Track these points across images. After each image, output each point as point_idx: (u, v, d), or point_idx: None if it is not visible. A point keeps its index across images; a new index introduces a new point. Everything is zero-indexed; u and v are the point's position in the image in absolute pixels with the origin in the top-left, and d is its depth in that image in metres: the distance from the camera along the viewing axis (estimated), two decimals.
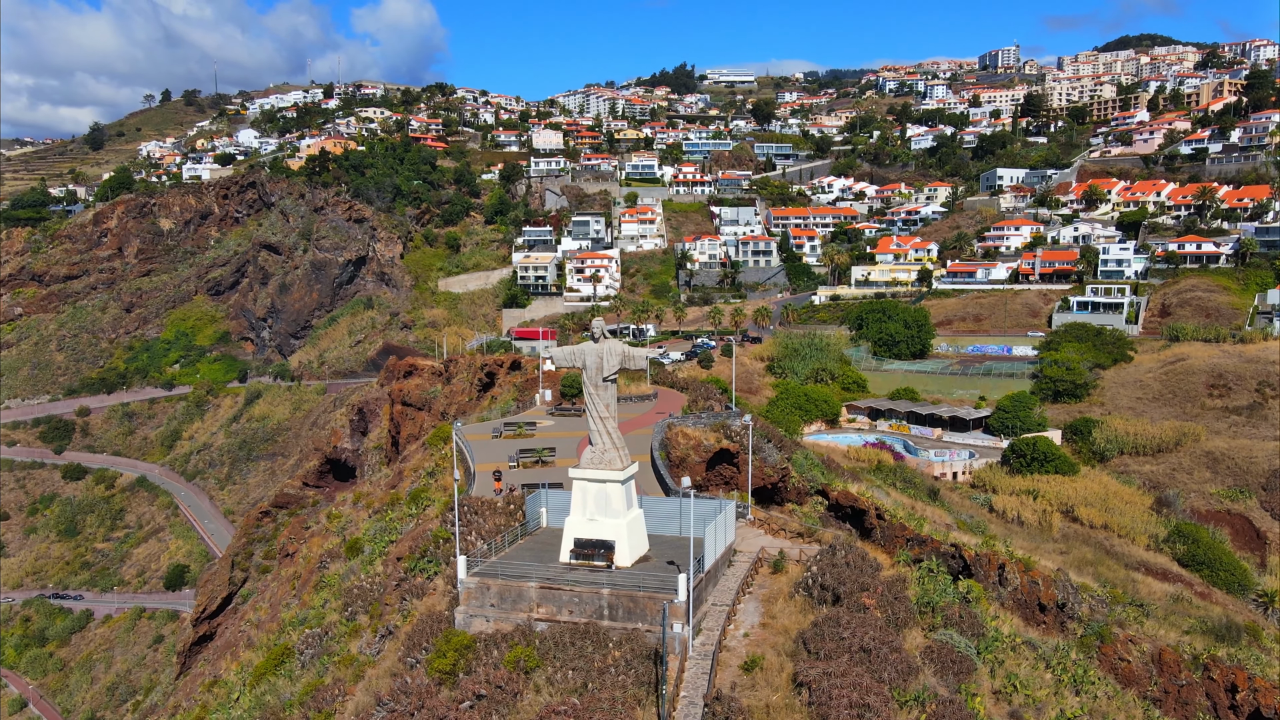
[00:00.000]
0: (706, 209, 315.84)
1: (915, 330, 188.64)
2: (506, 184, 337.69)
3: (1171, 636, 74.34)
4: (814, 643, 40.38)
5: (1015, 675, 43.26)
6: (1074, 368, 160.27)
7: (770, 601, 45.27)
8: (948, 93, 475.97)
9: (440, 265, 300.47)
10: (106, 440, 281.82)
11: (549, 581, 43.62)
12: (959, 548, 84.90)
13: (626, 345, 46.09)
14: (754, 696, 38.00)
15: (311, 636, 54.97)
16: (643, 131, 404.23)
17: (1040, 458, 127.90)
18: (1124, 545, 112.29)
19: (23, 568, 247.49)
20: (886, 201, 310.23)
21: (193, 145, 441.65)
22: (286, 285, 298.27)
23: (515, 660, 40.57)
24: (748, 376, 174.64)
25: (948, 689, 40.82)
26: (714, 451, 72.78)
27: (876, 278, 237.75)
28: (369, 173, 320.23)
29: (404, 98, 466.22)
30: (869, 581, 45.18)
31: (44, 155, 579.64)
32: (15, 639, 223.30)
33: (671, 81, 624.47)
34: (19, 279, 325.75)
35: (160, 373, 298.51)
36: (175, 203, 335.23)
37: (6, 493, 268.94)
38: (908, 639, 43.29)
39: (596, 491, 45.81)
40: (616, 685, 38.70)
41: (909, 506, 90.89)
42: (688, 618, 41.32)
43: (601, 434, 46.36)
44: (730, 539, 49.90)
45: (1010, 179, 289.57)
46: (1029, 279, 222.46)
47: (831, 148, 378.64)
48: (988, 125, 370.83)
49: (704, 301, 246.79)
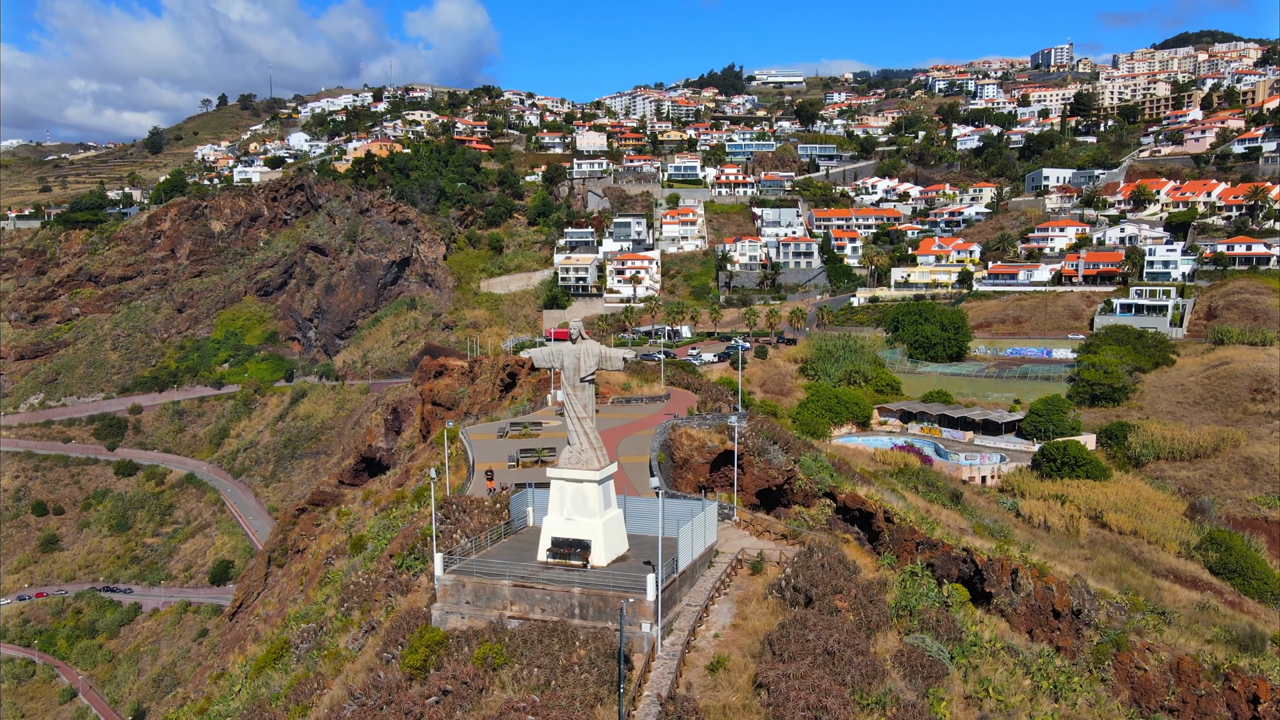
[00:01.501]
0: (748, 210, 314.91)
1: (952, 332, 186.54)
2: (549, 185, 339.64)
3: (1192, 645, 72.98)
4: (779, 644, 40.42)
5: (989, 680, 42.82)
6: (1112, 371, 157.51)
7: (744, 603, 45.36)
8: (998, 92, 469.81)
9: (483, 266, 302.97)
10: (157, 437, 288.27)
11: (523, 580, 44.15)
12: (970, 552, 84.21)
13: (604, 346, 46.46)
14: (714, 697, 38.14)
15: (307, 631, 56.03)
16: (686, 133, 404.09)
17: (1071, 462, 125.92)
18: (1153, 552, 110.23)
19: (76, 561, 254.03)
20: (930, 202, 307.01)
21: (246, 149, 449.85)
22: (332, 286, 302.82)
23: (483, 657, 41.11)
24: (780, 378, 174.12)
25: (916, 693, 40.63)
26: (718, 453, 72.80)
27: (916, 279, 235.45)
28: (414, 175, 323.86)
29: (450, 100, 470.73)
30: (843, 584, 45.04)
31: (105, 159, 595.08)
32: (67, 630, 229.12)
33: (719, 83, 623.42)
34: (77, 280, 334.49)
35: (210, 372, 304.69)
36: (226, 205, 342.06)
37: (62, 488, 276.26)
38: (879, 642, 43.14)
39: (574, 491, 46.22)
40: (579, 683, 39.03)
41: (924, 510, 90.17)
42: (656, 617, 41.57)
43: (579, 434, 46.78)
44: (711, 540, 50.02)
45: (1056, 179, 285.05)
46: (1072, 281, 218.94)
47: (876, 148, 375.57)
48: (1036, 125, 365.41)
49: (742, 303, 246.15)
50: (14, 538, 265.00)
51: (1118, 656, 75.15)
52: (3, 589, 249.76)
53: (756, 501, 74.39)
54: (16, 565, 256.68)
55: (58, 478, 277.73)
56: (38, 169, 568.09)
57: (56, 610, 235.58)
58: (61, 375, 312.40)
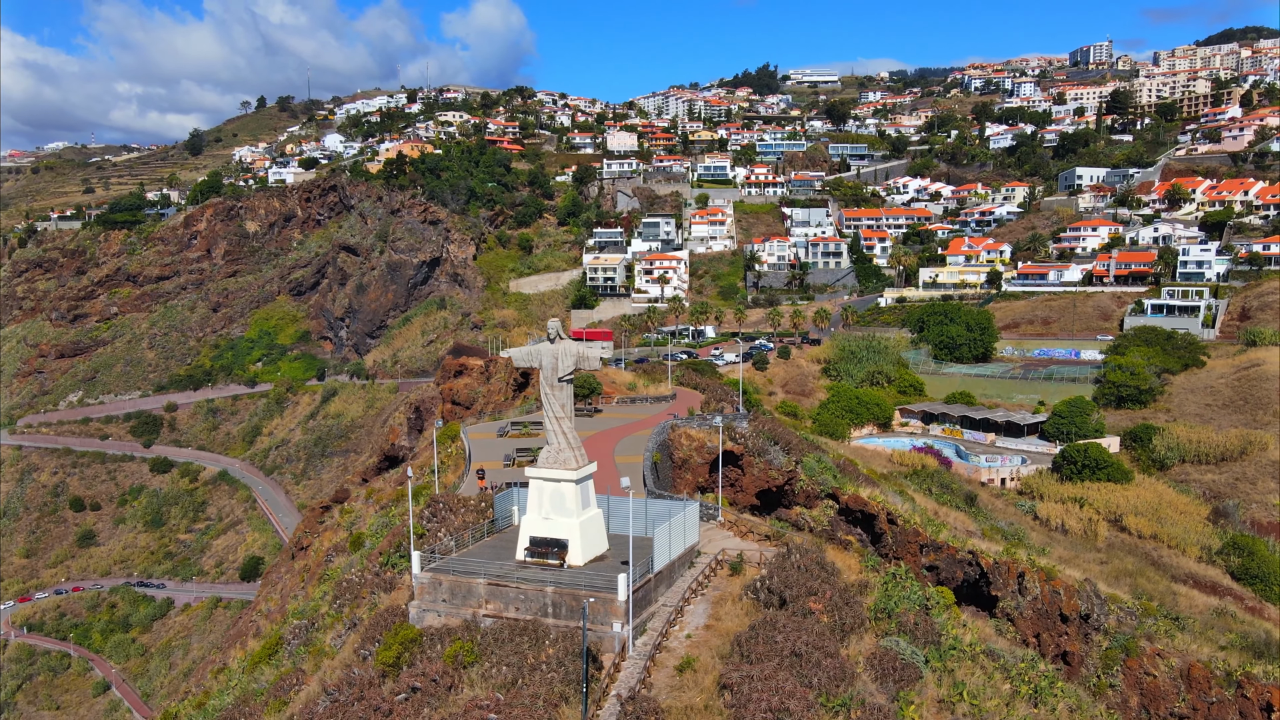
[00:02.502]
0: (778, 210, 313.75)
1: (977, 333, 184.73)
2: (579, 186, 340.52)
3: (1205, 651, 72.03)
4: (747, 646, 40.33)
5: (963, 684, 42.41)
6: (1138, 372, 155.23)
7: (720, 603, 45.29)
8: (1035, 90, 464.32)
9: (512, 266, 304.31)
10: (192, 435, 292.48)
11: (498, 579, 44.37)
12: (976, 555, 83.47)
13: (581, 346, 46.60)
14: (678, 698, 38.12)
15: (298, 628, 56.70)
16: (717, 133, 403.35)
17: (1091, 465, 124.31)
18: (1173, 557, 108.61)
19: (111, 556, 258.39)
20: (961, 202, 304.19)
21: (282, 150, 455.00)
22: (363, 286, 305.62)
23: (454, 655, 41.41)
24: (802, 379, 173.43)
25: (886, 695, 40.38)
26: (717, 453, 72.61)
27: (945, 279, 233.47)
28: (444, 175, 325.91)
29: (483, 101, 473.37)
30: (818, 586, 44.84)
31: (147, 160, 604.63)
32: (102, 624, 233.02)
33: (753, 82, 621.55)
34: (115, 279, 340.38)
35: (244, 370, 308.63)
36: (261, 206, 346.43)
37: (99, 484, 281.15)
38: (853, 645, 42.92)
39: (552, 490, 46.40)
40: (545, 682, 39.22)
41: (932, 512, 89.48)
42: (627, 618, 41.65)
43: (557, 434, 46.99)
44: (693, 540, 49.97)
45: (1090, 178, 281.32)
46: (1103, 281, 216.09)
47: (908, 148, 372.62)
48: (1071, 124, 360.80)
49: (770, 303, 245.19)
50: (52, 532, 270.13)
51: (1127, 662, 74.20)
52: (41, 583, 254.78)
53: (756, 502, 74.18)
54: (54, 560, 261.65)
55: (95, 474, 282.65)
56: (82, 170, 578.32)
57: (92, 604, 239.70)
58: (100, 373, 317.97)
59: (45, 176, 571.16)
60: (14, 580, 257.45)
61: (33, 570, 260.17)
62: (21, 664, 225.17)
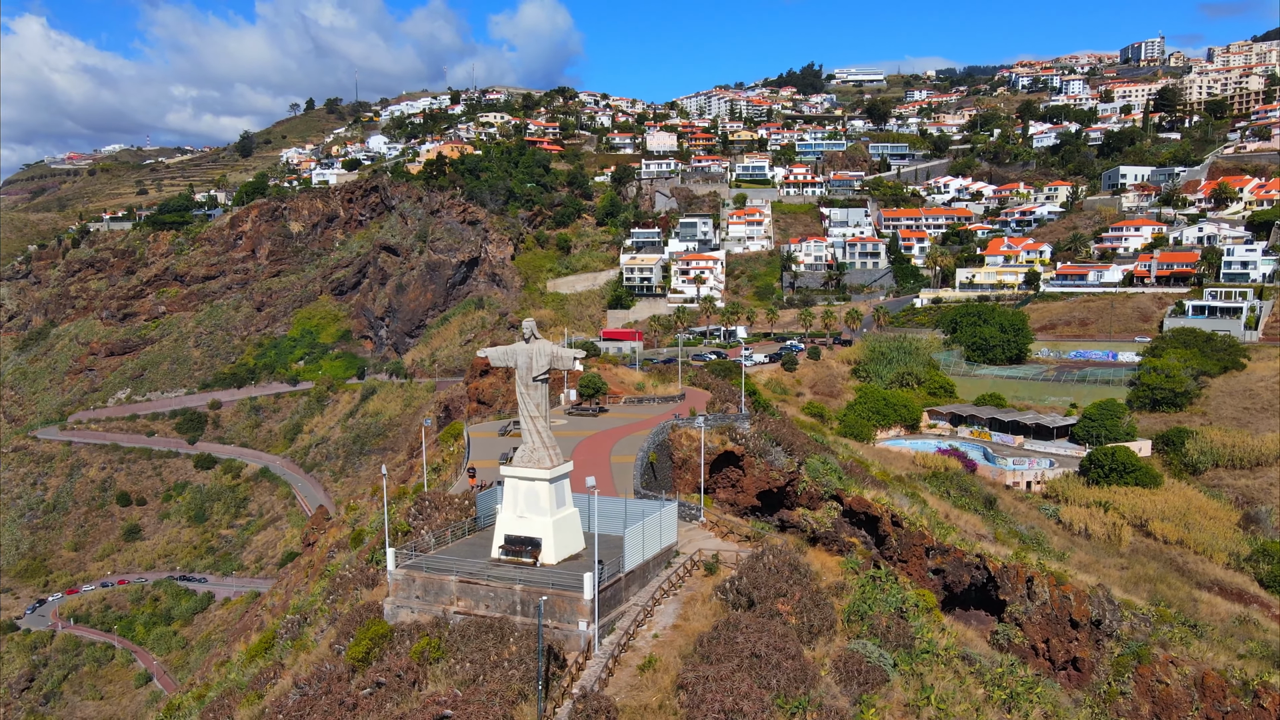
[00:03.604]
0: (816, 210, 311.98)
1: (1011, 334, 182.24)
2: (618, 186, 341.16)
3: (1221, 660, 70.84)
4: (709, 646, 40.36)
5: (931, 688, 42.03)
6: (1174, 375, 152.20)
7: (690, 604, 45.32)
8: (1084, 88, 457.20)
9: (550, 266, 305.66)
10: (235, 432, 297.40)
11: (470, 576, 44.79)
12: (984, 558, 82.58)
13: (556, 346, 46.86)
14: (635, 697, 38.26)
15: (291, 623, 57.58)
16: (757, 133, 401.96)
17: (1119, 468, 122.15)
18: (1199, 563, 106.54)
19: (155, 550, 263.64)
20: (1003, 202, 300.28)
21: (328, 151, 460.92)
22: (403, 285, 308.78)
23: (421, 651, 41.90)
24: (830, 379, 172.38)
25: (849, 699, 40.17)
26: (718, 454, 72.55)
27: (982, 280, 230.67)
28: (484, 176, 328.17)
29: (525, 102, 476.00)
30: (789, 588, 44.69)
31: (198, 162, 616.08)
32: (145, 617, 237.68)
33: (798, 82, 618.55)
34: (163, 279, 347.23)
35: (286, 369, 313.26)
36: (304, 206, 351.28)
37: (145, 480, 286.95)
38: (820, 647, 42.76)
39: (526, 489, 46.73)
40: (506, 679, 39.53)
41: (943, 515, 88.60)
42: (593, 616, 41.85)
43: (532, 433, 47.29)
44: (670, 540, 50.02)
45: (1135, 177, 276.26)
46: (1144, 282, 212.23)
47: (950, 147, 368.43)
48: (1117, 121, 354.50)
49: (805, 304, 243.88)
50: (99, 527, 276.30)
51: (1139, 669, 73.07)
52: (88, 575, 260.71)
53: (757, 503, 73.98)
54: (101, 553, 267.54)
55: (141, 470, 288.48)
56: (136, 172, 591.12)
57: (136, 597, 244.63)
58: (147, 371, 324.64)
59: (101, 178, 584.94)
60: (62, 573, 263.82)
61: (80, 563, 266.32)
62: (68, 654, 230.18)
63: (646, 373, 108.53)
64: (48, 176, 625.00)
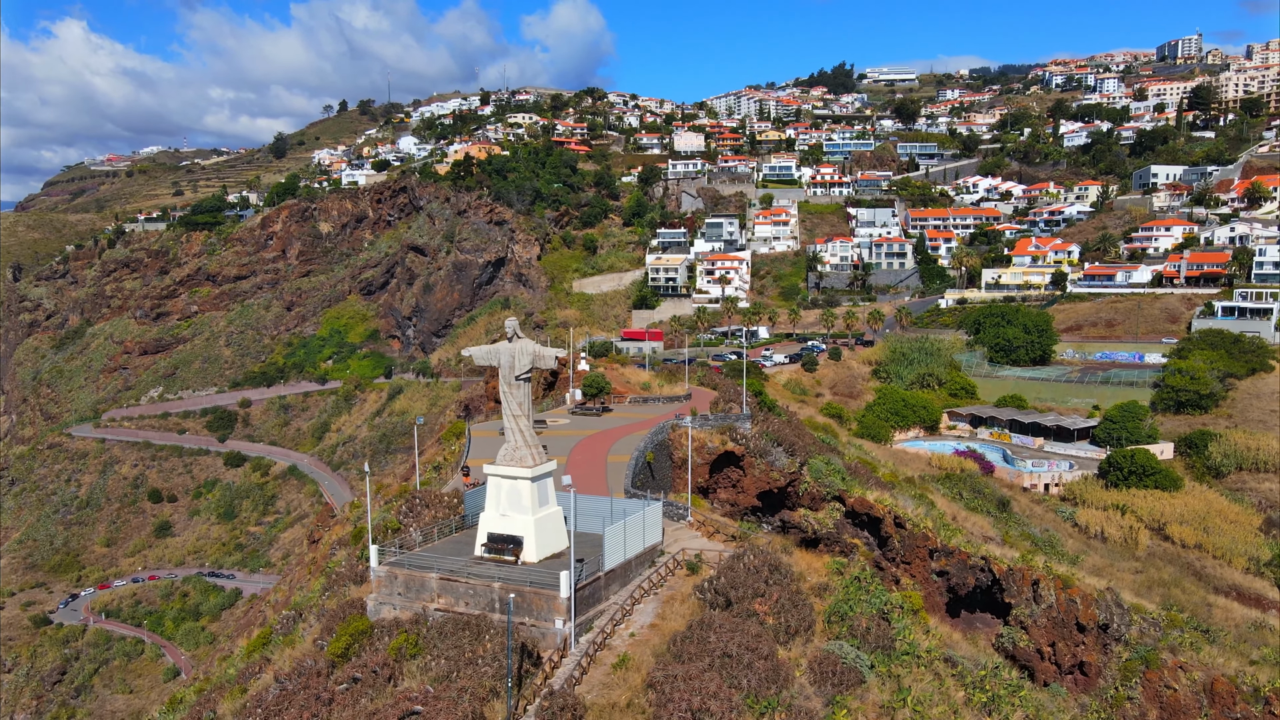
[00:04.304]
0: (843, 210, 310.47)
1: (1035, 335, 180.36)
2: (645, 186, 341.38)
3: (1233, 665, 69.91)
4: (681, 646, 40.39)
5: (908, 690, 41.78)
6: (1199, 377, 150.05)
7: (670, 603, 45.35)
8: (1119, 86, 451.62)
9: (576, 266, 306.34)
10: (264, 430, 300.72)
11: (450, 574, 45.10)
12: (989, 560, 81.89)
13: (538, 346, 47.06)
14: (604, 695, 38.38)
15: (287, 618, 58.19)
16: (785, 133, 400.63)
17: (1138, 471, 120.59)
18: (1217, 568, 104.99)
19: (185, 547, 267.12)
20: (1032, 201, 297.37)
21: (359, 153, 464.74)
22: (430, 285, 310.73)
23: (398, 647, 42.24)
24: (850, 380, 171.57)
25: (822, 700, 40.03)
26: (718, 454, 72.48)
27: (1008, 280, 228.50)
28: (511, 176, 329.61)
29: (553, 103, 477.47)
30: (767, 588, 44.61)
31: (233, 164, 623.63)
32: (174, 612, 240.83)
33: (828, 81, 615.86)
34: (196, 279, 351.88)
35: (315, 368, 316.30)
36: (334, 207, 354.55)
37: (175, 477, 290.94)
38: (796, 648, 42.63)
39: (509, 488, 46.96)
40: (479, 676, 39.78)
41: (950, 517, 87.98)
42: (569, 614, 42.02)
43: (514, 431, 47.49)
44: (654, 539, 50.05)
45: (1166, 176, 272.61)
46: (1173, 282, 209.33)
47: (980, 146, 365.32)
48: (1150, 120, 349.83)
49: (830, 304, 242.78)
50: (131, 523, 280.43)
51: (1146, 674, 72.22)
52: (120, 571, 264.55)
53: (758, 503, 73.83)
54: (133, 549, 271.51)
55: (172, 467, 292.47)
56: (173, 174, 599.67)
57: (165, 593, 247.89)
58: (179, 370, 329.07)
59: (139, 180, 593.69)
60: (95, 568, 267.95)
61: (112, 559, 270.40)
62: (99, 648, 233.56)
63: (654, 372, 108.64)
64: (87, 178, 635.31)
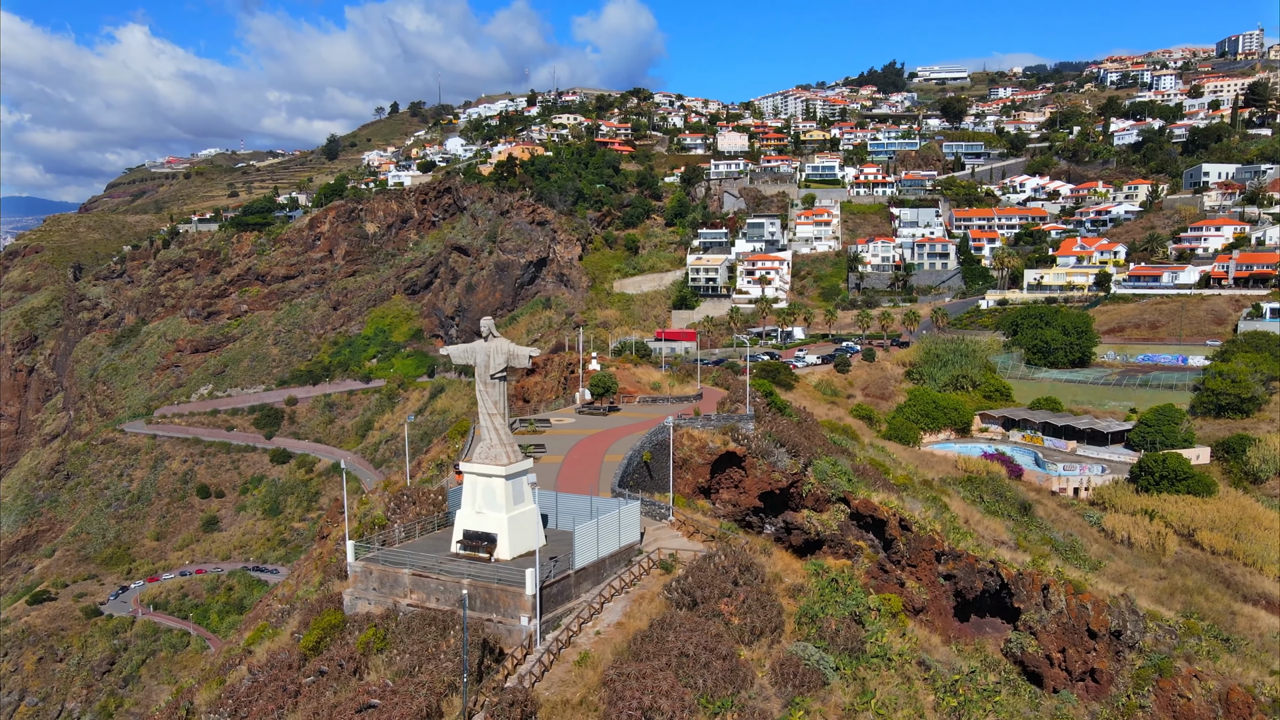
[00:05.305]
0: (886, 210, 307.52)
1: (1075, 337, 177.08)
2: (687, 186, 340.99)
3: (1252, 675, 68.52)
4: (641, 644, 40.50)
5: (873, 693, 41.48)
6: (1240, 380, 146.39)
7: (639, 602, 45.43)
8: (1175, 83, 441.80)
9: (617, 267, 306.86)
10: (309, 428, 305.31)
11: (422, 570, 45.63)
12: (997, 564, 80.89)
13: (512, 345, 47.43)
14: (560, 692, 38.62)
15: (281, 612, 59.21)
16: (830, 132, 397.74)
17: (1170, 475, 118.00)
18: (1247, 575, 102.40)
19: (231, 541, 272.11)
20: (1080, 201, 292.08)
21: (408, 154, 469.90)
22: (473, 285, 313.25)
23: (366, 641, 42.84)
24: (883, 382, 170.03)
25: (782, 700, 39.90)
26: (719, 454, 72.34)
27: (1050, 281, 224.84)
28: (553, 177, 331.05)
29: (598, 104, 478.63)
30: (734, 588, 44.52)
31: (287, 165, 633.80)
32: (219, 605, 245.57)
33: (878, 80, 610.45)
34: (245, 279, 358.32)
35: (360, 366, 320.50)
36: (380, 208, 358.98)
37: (223, 473, 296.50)
38: (761, 649, 42.53)
39: (484, 486, 47.39)
40: (440, 670, 40.21)
41: (963, 520, 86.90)
42: (535, 611, 42.34)
43: (489, 430, 47.91)
44: (631, 538, 50.14)
45: (1218, 175, 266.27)
46: (1221, 284, 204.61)
47: (1028, 145, 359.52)
48: (1204, 118, 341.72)
49: (869, 305, 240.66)
50: (180, 517, 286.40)
51: (1159, 683, 70.96)
52: (168, 564, 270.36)
53: (759, 504, 73.57)
54: (181, 543, 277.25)
55: (220, 463, 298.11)
56: (228, 175, 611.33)
57: (211, 586, 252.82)
58: (229, 368, 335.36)
59: (196, 182, 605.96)
60: (144, 561, 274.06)
61: (161, 553, 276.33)
62: (146, 640, 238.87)
63: (668, 372, 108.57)
64: (147, 180, 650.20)
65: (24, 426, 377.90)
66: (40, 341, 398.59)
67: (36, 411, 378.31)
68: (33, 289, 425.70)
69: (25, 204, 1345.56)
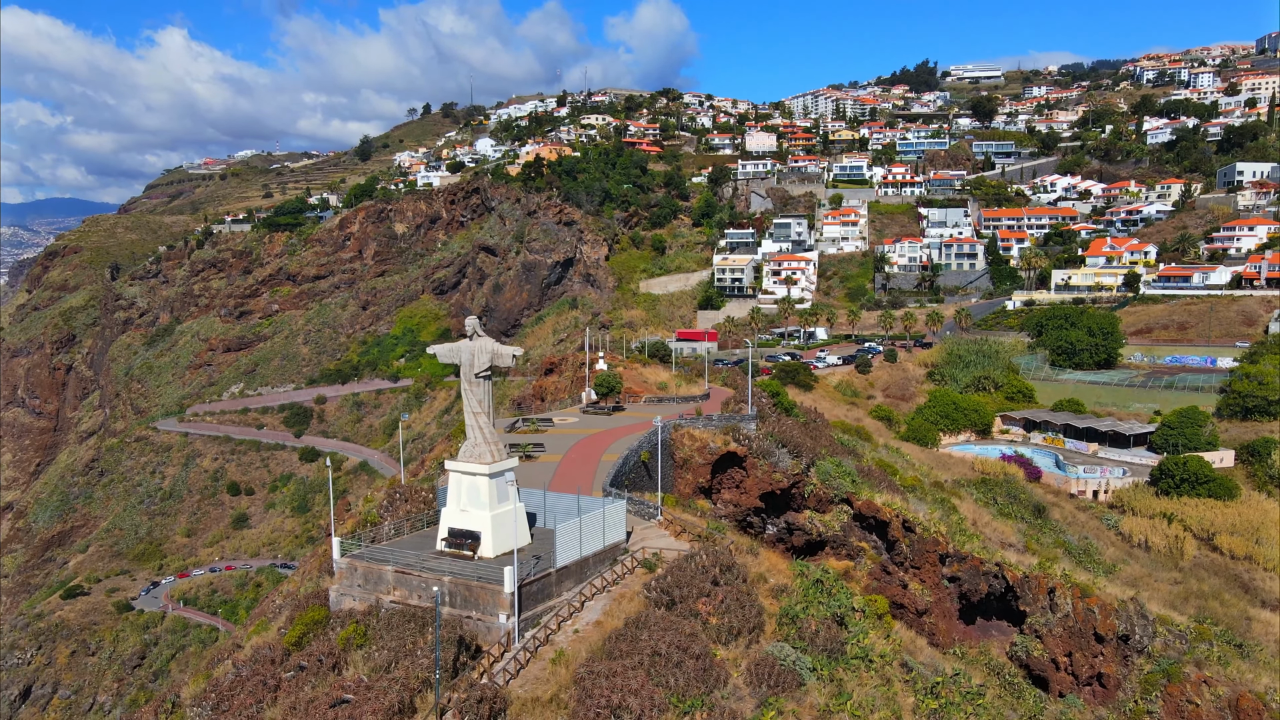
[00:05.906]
0: (914, 210, 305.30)
1: (1100, 338, 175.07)
2: (714, 187, 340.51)
3: (1263, 681, 67.89)
4: (615, 643, 40.60)
5: (849, 695, 41.30)
6: (1267, 382, 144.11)
7: (619, 601, 45.53)
8: (1213, 81, 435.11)
9: (643, 267, 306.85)
10: (338, 427, 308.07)
11: (405, 567, 46.04)
12: (1002, 567, 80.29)
13: (496, 344, 47.78)
14: (532, 690, 38.81)
15: (278, 607, 59.86)
16: (859, 132, 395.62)
17: (1190, 479, 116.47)
18: (1266, 580, 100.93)
19: (260, 539, 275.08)
20: (1111, 200, 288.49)
21: (439, 154, 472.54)
22: (500, 285, 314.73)
23: (346, 637, 43.30)
24: (904, 383, 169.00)
25: (755, 701, 39.83)
26: (720, 454, 72.29)
27: (1078, 282, 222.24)
28: (581, 177, 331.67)
29: (627, 105, 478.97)
30: (713, 588, 44.50)
31: (320, 166, 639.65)
32: (248, 601, 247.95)
33: (911, 80, 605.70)
34: (277, 279, 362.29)
35: (388, 366, 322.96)
36: (409, 208, 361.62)
37: (253, 471, 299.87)
38: (738, 649, 42.47)
39: (469, 484, 47.77)
40: (416, 666, 40.57)
41: (971, 522, 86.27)
42: (513, 609, 42.54)
43: (474, 428, 48.29)
44: (617, 537, 50.23)
45: (1253, 174, 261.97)
46: (1254, 284, 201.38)
47: (1059, 144, 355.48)
48: (1240, 116, 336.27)
49: (895, 305, 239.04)
50: (210, 514, 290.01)
51: (1167, 688, 70.39)
52: (198, 560, 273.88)
53: (760, 504, 73.43)
54: (211, 540, 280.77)
55: (250, 461, 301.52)
56: (263, 176, 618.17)
57: (240, 582, 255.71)
58: (259, 367, 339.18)
59: (231, 183, 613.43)
60: (175, 557, 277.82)
61: (192, 549, 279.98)
62: (176, 635, 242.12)
63: (676, 372, 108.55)
64: (185, 181, 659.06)
65: (61, 424, 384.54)
66: (78, 340, 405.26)
67: (74, 409, 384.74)
68: (71, 289, 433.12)
69: (67, 205, 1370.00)
